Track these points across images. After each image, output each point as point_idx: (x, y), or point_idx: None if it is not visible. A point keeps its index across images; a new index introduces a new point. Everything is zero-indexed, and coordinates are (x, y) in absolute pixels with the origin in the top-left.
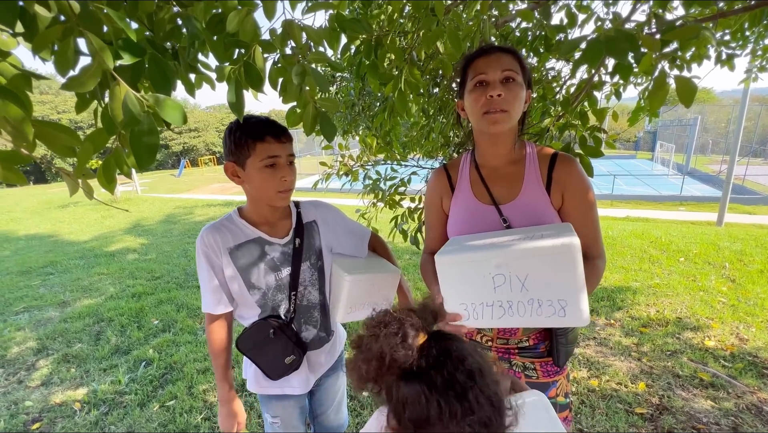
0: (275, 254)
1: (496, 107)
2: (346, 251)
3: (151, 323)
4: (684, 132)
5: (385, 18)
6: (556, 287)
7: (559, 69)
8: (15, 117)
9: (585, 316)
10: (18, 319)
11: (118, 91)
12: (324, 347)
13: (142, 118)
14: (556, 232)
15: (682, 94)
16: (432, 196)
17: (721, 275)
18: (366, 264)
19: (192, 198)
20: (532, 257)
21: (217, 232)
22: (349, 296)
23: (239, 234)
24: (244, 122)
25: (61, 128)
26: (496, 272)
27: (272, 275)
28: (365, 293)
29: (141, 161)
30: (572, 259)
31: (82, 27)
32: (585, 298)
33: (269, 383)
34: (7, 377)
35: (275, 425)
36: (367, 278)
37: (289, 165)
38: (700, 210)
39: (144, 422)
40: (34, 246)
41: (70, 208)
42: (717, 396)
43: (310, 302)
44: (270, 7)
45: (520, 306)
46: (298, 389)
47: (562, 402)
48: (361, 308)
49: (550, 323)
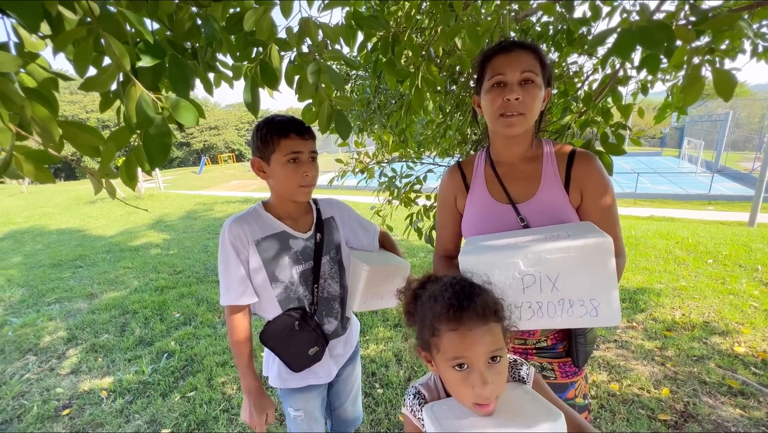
0: (298, 248)
1: (513, 110)
2: (361, 246)
3: (173, 316)
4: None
5: (402, 14)
6: (588, 287)
7: (581, 64)
8: (42, 117)
9: (618, 315)
10: (50, 309)
11: (133, 92)
12: (342, 337)
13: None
14: (581, 231)
15: (720, 87)
16: (446, 195)
17: (753, 278)
18: (380, 257)
19: (212, 195)
20: (564, 256)
21: (244, 223)
22: (366, 285)
23: (265, 227)
24: (271, 120)
25: (86, 128)
26: (526, 272)
27: (295, 268)
28: (380, 282)
29: (153, 161)
30: (606, 257)
31: (101, 28)
32: (617, 297)
33: (292, 376)
34: (40, 365)
35: (298, 419)
36: (383, 268)
37: (311, 161)
38: (730, 210)
39: (166, 411)
40: (65, 240)
41: (98, 204)
42: (746, 405)
43: (331, 295)
44: (287, 5)
45: (550, 307)
46: (322, 379)
47: (580, 403)
48: (374, 297)
49: (582, 323)
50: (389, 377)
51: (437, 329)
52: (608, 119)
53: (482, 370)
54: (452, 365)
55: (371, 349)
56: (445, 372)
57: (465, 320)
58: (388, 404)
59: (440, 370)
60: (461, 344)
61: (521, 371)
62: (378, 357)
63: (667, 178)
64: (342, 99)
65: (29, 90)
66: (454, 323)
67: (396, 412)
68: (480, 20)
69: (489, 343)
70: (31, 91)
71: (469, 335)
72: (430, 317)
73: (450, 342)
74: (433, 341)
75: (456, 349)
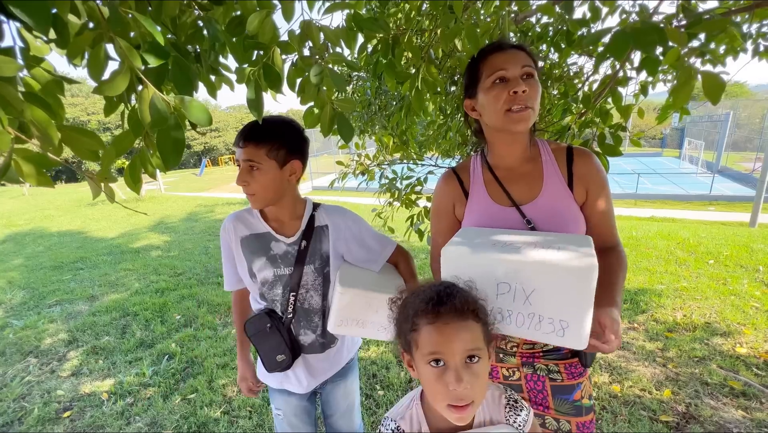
0: (278, 251)
1: (522, 104)
2: (357, 262)
3: (174, 318)
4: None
5: (402, 16)
6: (561, 307)
7: (581, 65)
8: (41, 121)
9: (585, 341)
10: (51, 311)
11: (146, 94)
12: (326, 353)
13: (169, 118)
14: (574, 246)
15: (708, 90)
16: (443, 203)
17: (755, 279)
18: (371, 280)
19: (212, 196)
20: (546, 273)
21: (236, 220)
22: (340, 307)
23: (252, 225)
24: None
25: (86, 133)
26: (503, 280)
27: (271, 270)
28: (360, 309)
29: (167, 161)
30: (589, 282)
31: (111, 32)
32: (589, 322)
33: (269, 375)
34: (41, 367)
35: (278, 417)
36: (364, 294)
37: (250, 170)
38: (731, 210)
39: (167, 413)
40: (66, 242)
41: (99, 206)
42: (749, 406)
43: (311, 306)
44: (288, 8)
45: (519, 317)
46: (296, 388)
47: (587, 404)
48: (353, 324)
49: (545, 340)
50: (390, 378)
51: (416, 324)
52: (607, 120)
53: (458, 367)
54: (428, 361)
55: (372, 351)
56: (422, 370)
57: (443, 314)
58: (389, 405)
59: (418, 369)
60: (438, 337)
61: (520, 415)
62: (379, 359)
63: (668, 178)
64: (344, 101)
65: (29, 94)
66: (431, 316)
67: None
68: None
69: (466, 340)
70: (30, 95)
71: (445, 329)
72: (411, 314)
73: (427, 336)
74: (412, 337)
75: (432, 343)
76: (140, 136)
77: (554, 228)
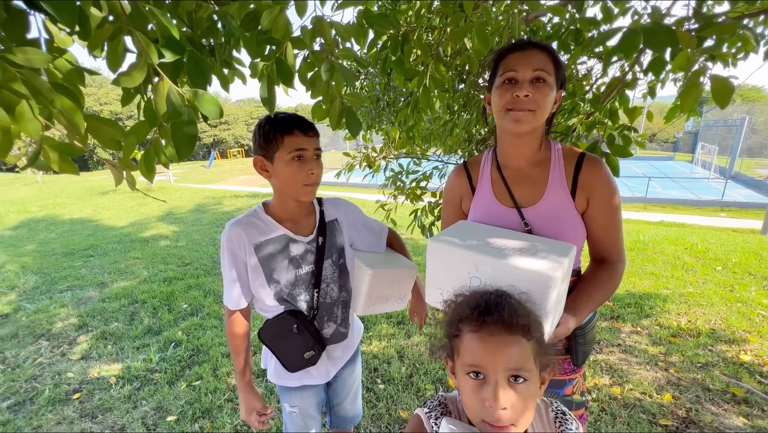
0: (299, 252)
1: (522, 106)
2: (366, 247)
3: (181, 307)
4: (729, 133)
5: (412, 14)
6: None
7: (591, 66)
8: (69, 110)
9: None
10: (62, 297)
11: (161, 86)
12: (343, 342)
13: (183, 111)
14: (554, 254)
15: (717, 94)
16: (451, 195)
17: (763, 287)
18: (385, 259)
19: (221, 189)
20: (508, 274)
21: (244, 227)
22: (370, 289)
23: (265, 230)
24: (273, 117)
25: (109, 122)
26: (474, 273)
27: (293, 272)
28: (385, 286)
29: (180, 152)
30: (545, 291)
31: (131, 26)
32: (547, 333)
33: (288, 375)
34: (52, 350)
35: (293, 414)
36: (388, 272)
37: (316, 159)
38: (743, 217)
39: (172, 399)
40: (77, 230)
41: (110, 195)
42: (750, 413)
43: (332, 299)
44: (302, 4)
45: None
46: (317, 380)
47: (578, 400)
48: (379, 301)
49: None
50: (391, 373)
51: (460, 330)
52: (615, 121)
53: (498, 384)
54: (468, 371)
55: (374, 345)
56: (461, 379)
57: (488, 324)
58: (389, 399)
59: (458, 378)
60: (480, 348)
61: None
62: (380, 353)
63: (679, 183)
64: (353, 96)
65: (56, 84)
66: (476, 324)
67: (397, 408)
68: (490, 20)
69: (511, 356)
70: (57, 85)
71: (489, 341)
72: (456, 318)
73: (469, 345)
74: (454, 343)
75: (473, 353)
76: (155, 126)
77: (551, 234)
